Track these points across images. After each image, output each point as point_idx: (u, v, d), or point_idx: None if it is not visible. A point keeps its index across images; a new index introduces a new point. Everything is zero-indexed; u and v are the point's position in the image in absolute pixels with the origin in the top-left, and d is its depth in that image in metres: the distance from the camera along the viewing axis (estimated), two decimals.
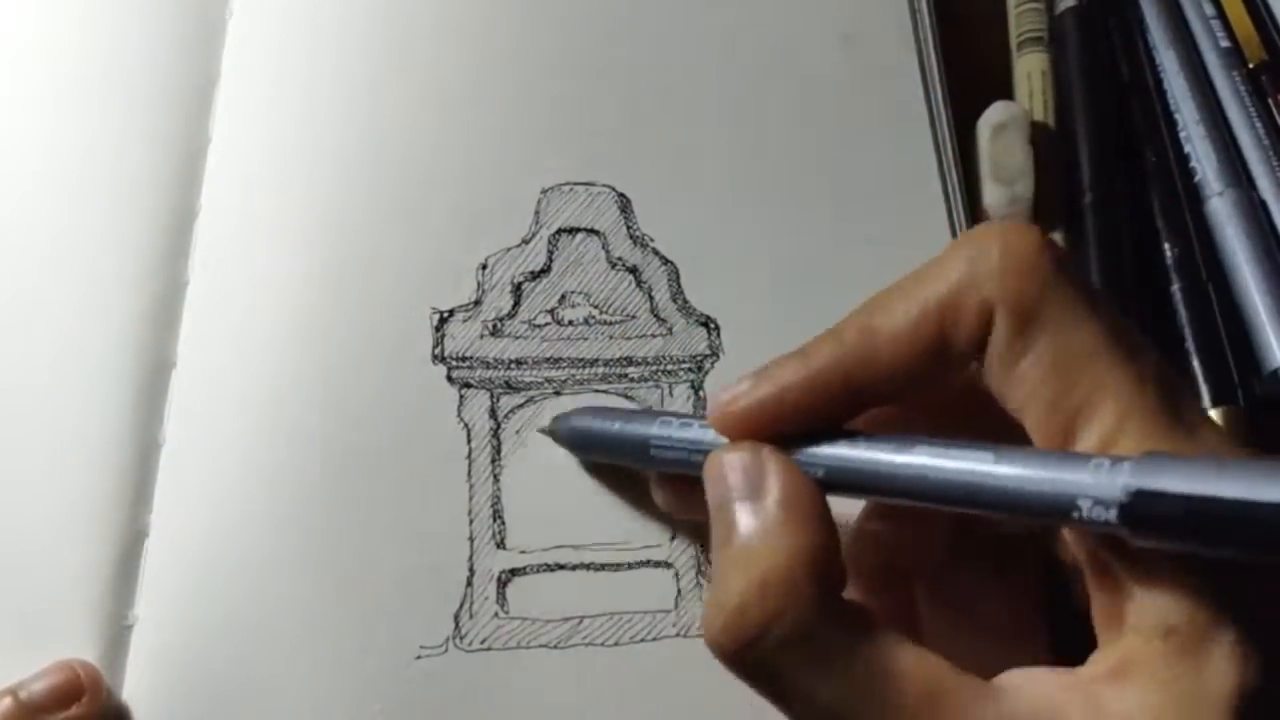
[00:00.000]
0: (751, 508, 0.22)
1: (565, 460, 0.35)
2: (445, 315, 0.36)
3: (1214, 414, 0.39)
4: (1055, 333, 0.21)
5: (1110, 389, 0.20)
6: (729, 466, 0.23)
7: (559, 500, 0.34)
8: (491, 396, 0.35)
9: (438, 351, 0.36)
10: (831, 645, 0.20)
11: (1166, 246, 0.42)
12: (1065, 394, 0.20)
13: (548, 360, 0.36)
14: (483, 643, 0.33)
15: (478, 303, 0.36)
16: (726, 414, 0.24)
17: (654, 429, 0.29)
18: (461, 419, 0.35)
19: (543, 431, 0.35)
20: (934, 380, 0.23)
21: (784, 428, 0.24)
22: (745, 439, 0.24)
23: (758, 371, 0.24)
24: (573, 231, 0.38)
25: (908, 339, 0.22)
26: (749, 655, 0.21)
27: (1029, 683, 0.20)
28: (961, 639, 0.25)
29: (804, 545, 0.22)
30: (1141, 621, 0.19)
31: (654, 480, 0.32)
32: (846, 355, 0.23)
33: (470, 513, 0.34)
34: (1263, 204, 0.43)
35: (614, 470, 0.34)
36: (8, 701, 0.30)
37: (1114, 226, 0.42)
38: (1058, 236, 0.42)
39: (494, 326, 0.36)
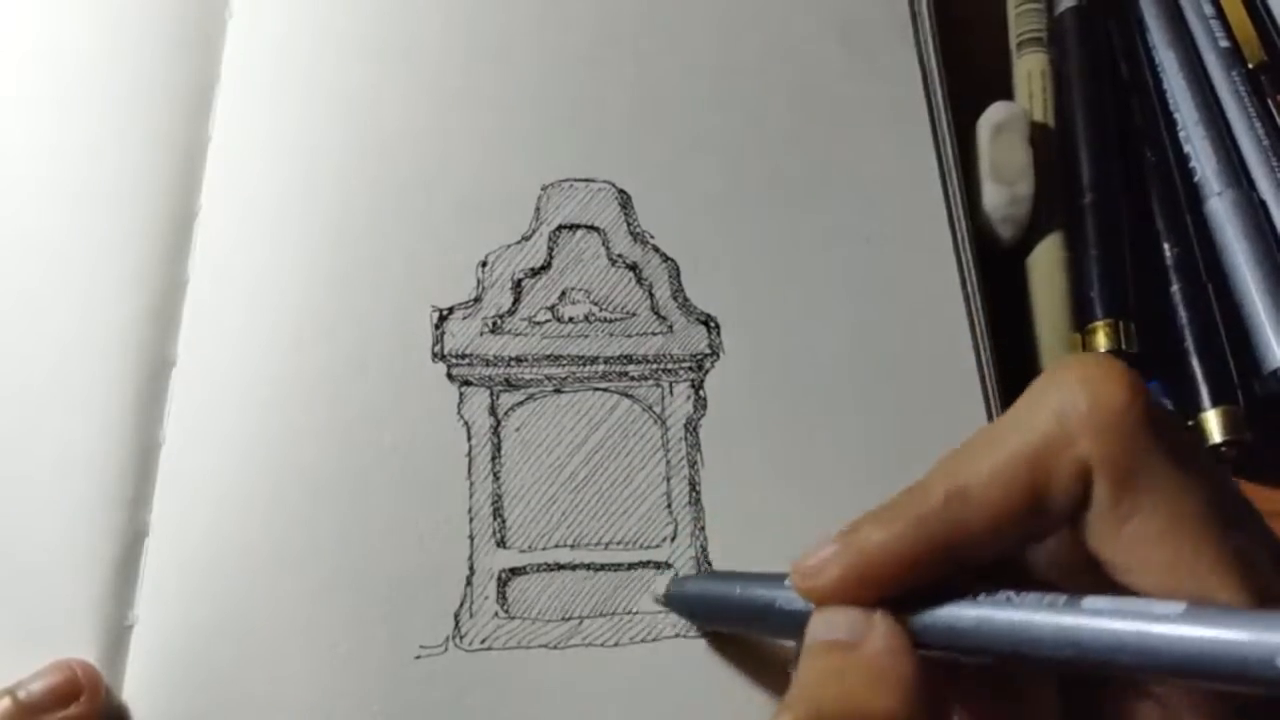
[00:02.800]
0: (834, 667, 0.21)
1: (566, 459, 0.35)
2: (445, 313, 0.36)
3: (1213, 413, 0.39)
4: (1166, 496, 0.19)
5: (1228, 555, 0.19)
6: (832, 620, 0.22)
7: (559, 500, 0.34)
8: (491, 394, 0.35)
9: (437, 349, 0.36)
10: None
11: (1166, 246, 0.42)
12: (1180, 555, 0.19)
13: (548, 358, 0.36)
14: (483, 642, 0.32)
15: (478, 300, 0.36)
16: (809, 581, 0.23)
17: (778, 592, 0.26)
18: (461, 417, 0.35)
19: (658, 600, 0.33)
20: (1032, 540, 0.22)
21: (876, 594, 0.22)
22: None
23: (842, 535, 0.23)
24: (573, 228, 0.38)
25: (1000, 501, 0.21)
26: None
27: None
28: None
29: (879, 708, 0.20)
30: None
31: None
32: (936, 521, 0.21)
33: (470, 511, 0.34)
34: (1262, 204, 0.43)
35: (616, 470, 0.34)
36: (6, 701, 0.30)
37: (1114, 226, 0.42)
38: (1058, 237, 0.42)
39: (494, 324, 0.36)
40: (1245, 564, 0.19)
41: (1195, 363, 0.40)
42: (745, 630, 0.32)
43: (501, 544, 0.34)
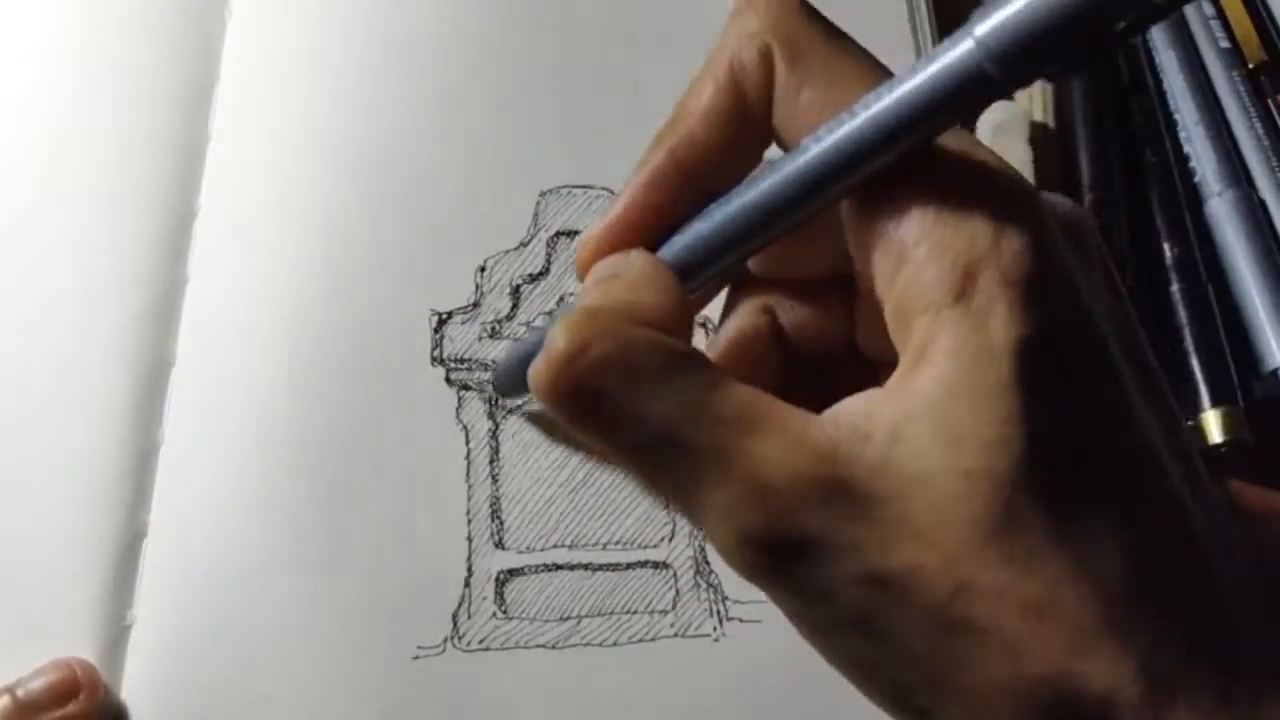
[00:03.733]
0: (602, 286, 0.23)
1: (564, 461, 0.35)
2: (444, 317, 0.36)
3: (1213, 414, 0.39)
4: (827, 59, 0.22)
5: None
6: (597, 268, 0.24)
7: (557, 501, 0.34)
8: (490, 398, 0.35)
9: (436, 353, 0.36)
10: (654, 368, 0.20)
11: (1166, 246, 0.42)
12: (844, 108, 0.21)
13: None
14: (481, 643, 0.33)
15: (476, 305, 0.37)
16: (583, 254, 0.24)
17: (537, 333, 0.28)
18: (460, 420, 0.35)
19: (495, 389, 0.35)
20: (749, 144, 0.24)
21: (640, 241, 0.24)
22: None
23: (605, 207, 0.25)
24: (571, 234, 0.38)
25: (713, 106, 0.23)
26: (571, 375, 0.21)
27: (847, 404, 0.21)
28: None
29: (641, 300, 0.22)
30: (925, 297, 0.19)
31: None
32: (674, 146, 0.24)
33: (469, 513, 0.34)
34: (1262, 204, 0.43)
35: (613, 471, 0.34)
36: (5, 699, 0.30)
37: (1114, 226, 0.42)
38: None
39: (493, 328, 0.36)
40: None
41: (1195, 363, 0.40)
42: None
43: (500, 545, 0.34)
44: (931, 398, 0.19)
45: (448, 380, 0.35)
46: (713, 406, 0.20)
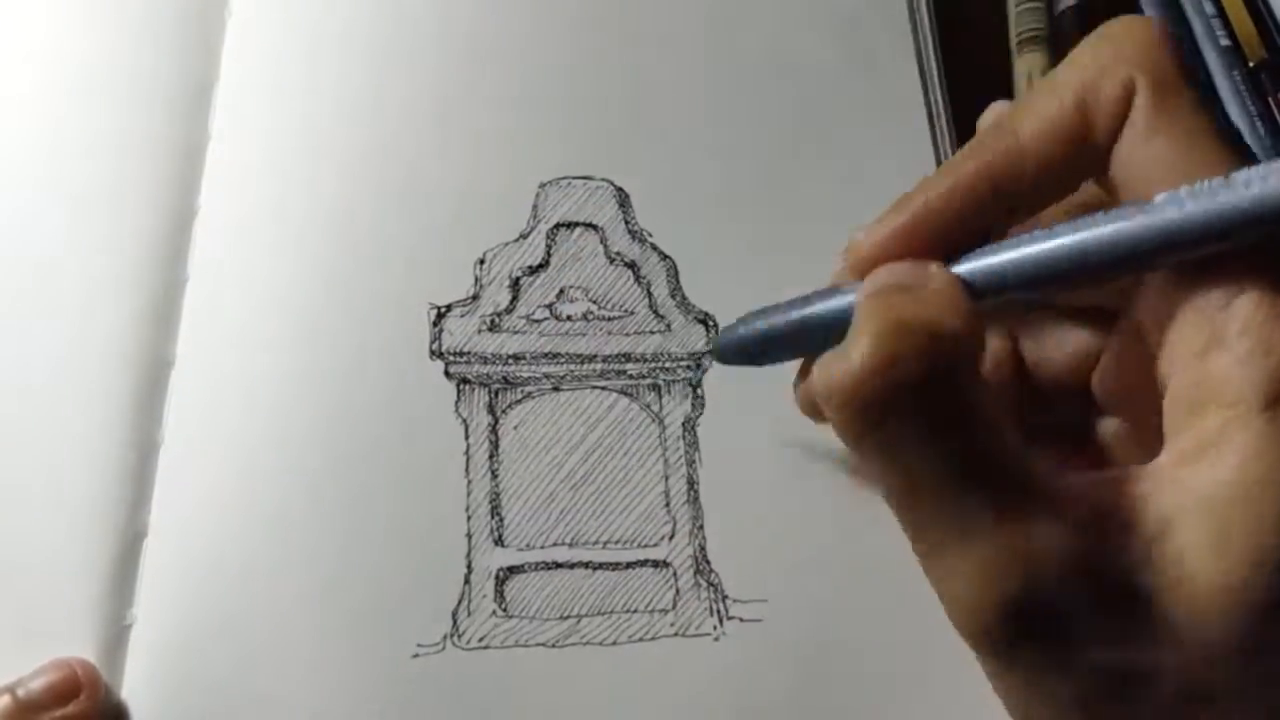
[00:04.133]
0: (904, 298, 0.21)
1: (564, 457, 0.35)
2: (443, 310, 0.36)
3: None
4: (1192, 111, 0.21)
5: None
6: (885, 272, 0.22)
7: (557, 498, 0.34)
8: (490, 392, 0.35)
9: (435, 346, 0.36)
10: (954, 403, 0.20)
11: None
12: (1199, 167, 0.20)
13: (546, 355, 0.36)
14: (480, 641, 0.32)
15: (475, 297, 0.37)
16: (865, 253, 0.23)
17: (820, 305, 0.27)
18: (459, 414, 0.35)
19: (714, 355, 0.33)
20: (1078, 177, 0.23)
21: (926, 251, 0.23)
22: None
23: (896, 201, 0.24)
24: (571, 226, 0.38)
25: (1053, 126, 0.22)
26: (874, 389, 0.20)
27: (1117, 476, 0.20)
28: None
29: (943, 323, 0.21)
30: (1234, 392, 0.19)
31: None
32: (992, 161, 0.22)
33: (468, 509, 0.34)
34: None
35: (614, 468, 0.34)
36: (6, 699, 0.30)
37: None
38: None
39: (492, 321, 0.36)
40: None
41: None
42: (804, 351, 0.30)
43: (499, 542, 0.34)
44: (1211, 499, 0.19)
45: (447, 374, 0.35)
46: (998, 459, 0.20)
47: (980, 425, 0.20)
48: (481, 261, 0.37)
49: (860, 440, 0.20)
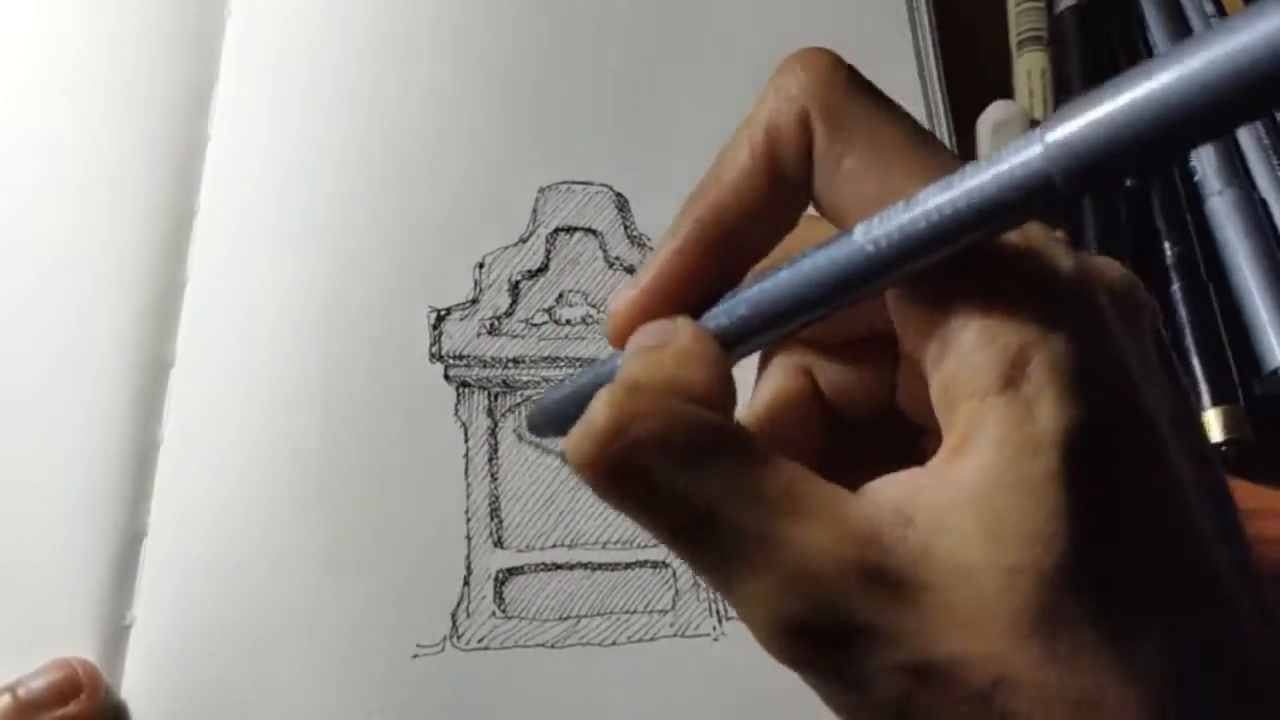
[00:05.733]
0: (647, 357, 0.22)
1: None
2: (442, 314, 0.36)
3: (1214, 413, 0.39)
4: (870, 129, 0.21)
5: (934, 175, 0.20)
6: (640, 334, 0.23)
7: (557, 499, 0.34)
8: (489, 395, 0.35)
9: (435, 350, 0.36)
10: (697, 448, 0.20)
11: (1167, 246, 0.42)
12: (889, 182, 0.20)
13: (545, 359, 0.36)
14: (480, 642, 0.33)
15: (475, 301, 0.37)
16: (618, 321, 0.24)
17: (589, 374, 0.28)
18: (459, 417, 0.35)
19: (524, 438, 0.35)
20: (784, 209, 0.23)
21: (675, 308, 0.23)
22: None
23: (643, 265, 0.25)
24: (570, 230, 0.38)
25: (748, 171, 0.22)
26: (612, 452, 0.20)
27: (889, 484, 0.20)
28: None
29: (687, 374, 0.21)
30: (972, 383, 0.19)
31: None
32: (706, 209, 0.23)
33: (467, 511, 0.34)
34: (1262, 203, 0.43)
35: None
36: (7, 698, 0.30)
37: (1114, 226, 0.42)
38: (1058, 235, 0.42)
39: (491, 325, 0.36)
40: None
41: (1195, 362, 0.40)
42: None
43: (499, 544, 0.34)
44: (976, 487, 0.19)
45: (446, 377, 0.35)
46: (756, 488, 0.20)
47: (737, 465, 0.20)
48: (481, 265, 0.37)
49: (615, 503, 0.21)
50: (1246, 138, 0.45)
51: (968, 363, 0.19)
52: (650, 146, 0.39)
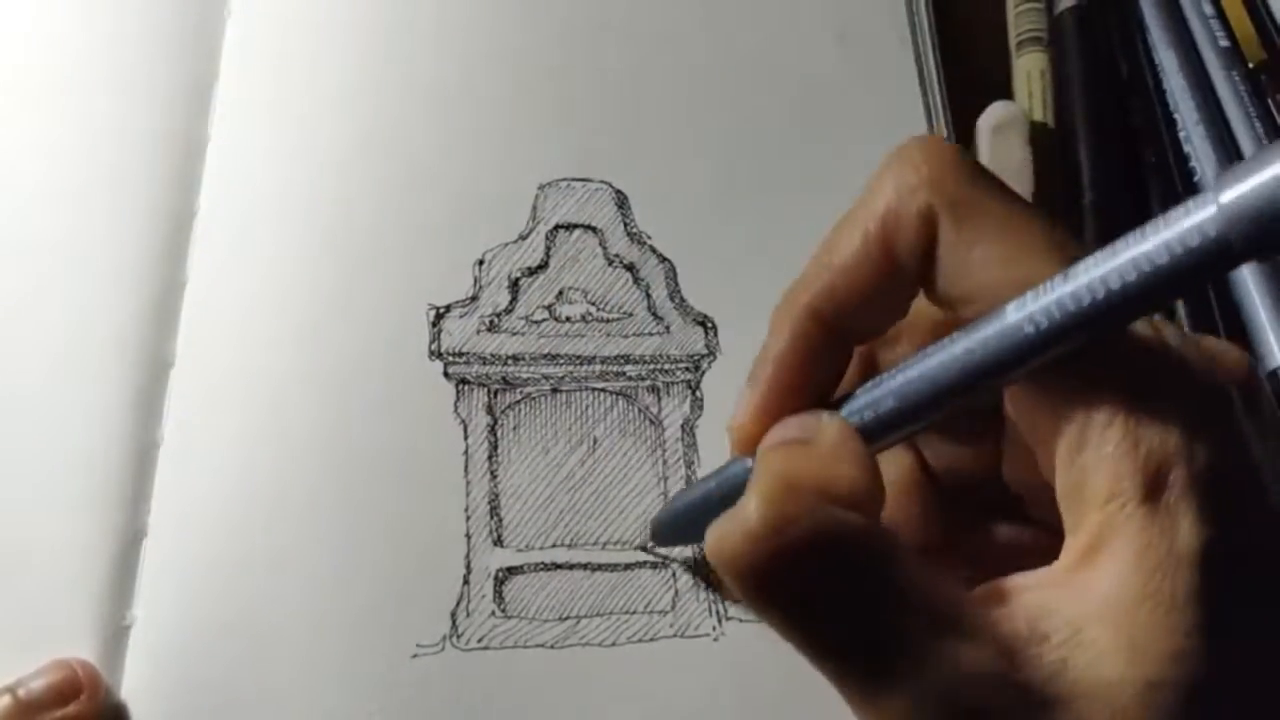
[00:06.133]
0: (793, 454, 0.22)
1: (563, 458, 0.35)
2: (442, 310, 0.36)
3: None
4: (1000, 218, 0.21)
5: (1070, 259, 0.20)
6: (781, 428, 0.23)
7: (557, 498, 0.34)
8: (489, 392, 0.35)
9: (434, 347, 0.36)
10: (856, 558, 0.20)
11: None
12: (1024, 267, 0.20)
13: (545, 357, 0.36)
14: (479, 642, 0.32)
15: (474, 298, 0.37)
16: (745, 430, 0.24)
17: (703, 488, 0.28)
18: (458, 415, 0.35)
19: (649, 549, 0.34)
20: (897, 301, 0.23)
21: (800, 403, 0.23)
22: None
23: (750, 373, 0.25)
24: (570, 228, 0.38)
25: (858, 262, 0.22)
26: (768, 553, 0.20)
27: (1019, 589, 0.20)
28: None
29: (838, 475, 0.21)
30: (1112, 488, 0.19)
31: None
32: (814, 300, 0.23)
33: (467, 510, 0.34)
34: None
35: (613, 470, 0.34)
36: (6, 699, 0.30)
37: (1114, 226, 0.42)
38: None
39: (491, 322, 0.36)
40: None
41: None
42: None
43: (498, 543, 0.34)
44: (1115, 601, 0.19)
45: (446, 374, 0.35)
46: (910, 604, 0.19)
47: (892, 579, 0.20)
48: (481, 262, 0.37)
49: (762, 607, 0.20)
50: (1246, 139, 0.45)
51: (1107, 467, 0.19)
52: (650, 143, 0.39)
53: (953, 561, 0.25)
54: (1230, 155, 0.44)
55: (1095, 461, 0.19)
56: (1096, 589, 0.19)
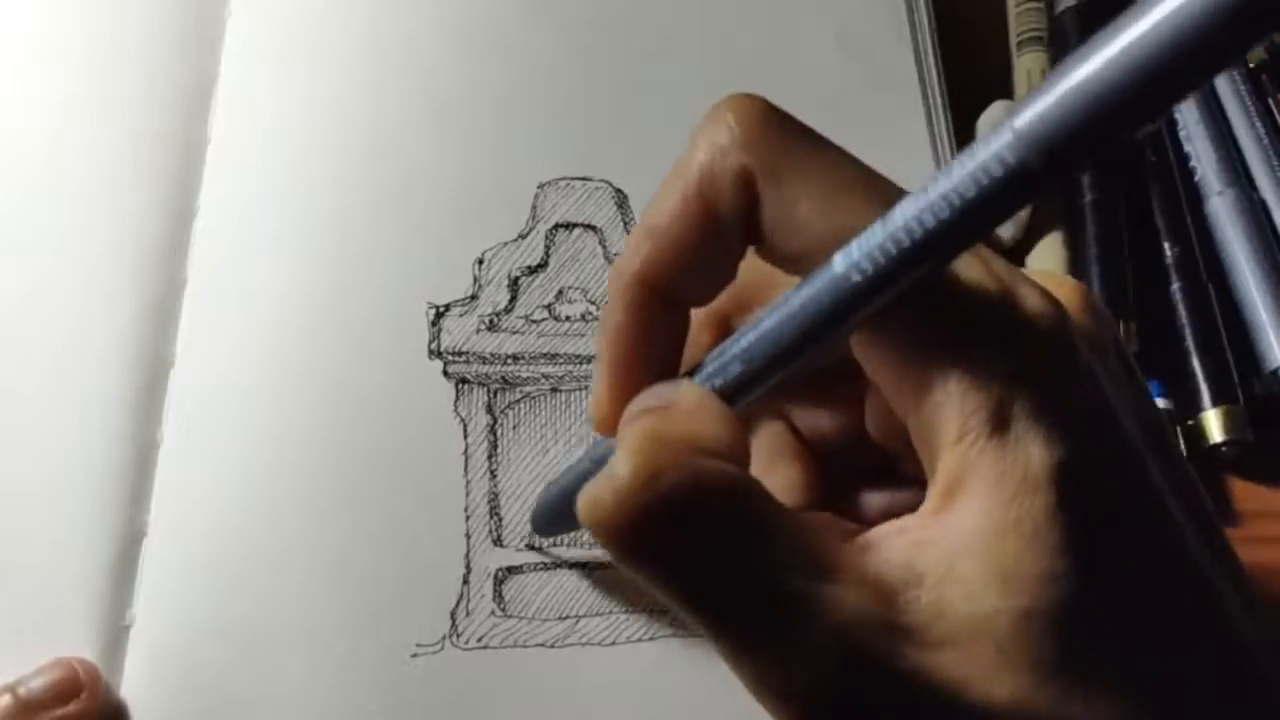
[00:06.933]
0: (656, 416, 0.21)
1: (563, 458, 0.35)
2: (442, 310, 0.36)
3: (1214, 413, 0.39)
4: (818, 171, 0.21)
5: (892, 203, 0.19)
6: (640, 399, 0.22)
7: None
8: (488, 391, 0.35)
9: (434, 346, 0.36)
10: (729, 507, 0.19)
11: (1166, 246, 0.42)
12: (849, 218, 0.20)
13: (545, 356, 0.36)
14: (479, 641, 0.32)
15: (474, 297, 0.37)
16: (601, 409, 0.24)
17: (575, 470, 0.28)
18: (458, 414, 0.35)
19: (532, 545, 0.34)
20: (722, 258, 0.23)
21: (655, 372, 0.23)
22: None
23: (595, 350, 0.25)
24: (570, 227, 0.38)
25: (679, 225, 0.22)
26: (639, 507, 0.19)
27: (891, 535, 0.20)
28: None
29: (704, 431, 0.20)
30: (960, 428, 0.19)
31: None
32: (641, 266, 0.23)
33: (467, 509, 0.34)
34: (1263, 203, 0.43)
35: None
36: (7, 698, 0.30)
37: (1114, 226, 0.42)
38: (1058, 236, 0.42)
39: (490, 321, 0.36)
40: None
41: (1195, 362, 0.40)
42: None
43: (498, 542, 0.34)
44: (979, 533, 0.19)
45: (445, 373, 0.35)
46: (787, 551, 0.19)
47: (765, 526, 0.19)
48: (480, 261, 0.37)
49: (636, 564, 0.20)
50: (1246, 138, 0.45)
51: (952, 408, 0.19)
52: (649, 142, 0.39)
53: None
54: (1230, 155, 0.44)
55: (942, 403, 0.19)
56: (961, 526, 0.19)
